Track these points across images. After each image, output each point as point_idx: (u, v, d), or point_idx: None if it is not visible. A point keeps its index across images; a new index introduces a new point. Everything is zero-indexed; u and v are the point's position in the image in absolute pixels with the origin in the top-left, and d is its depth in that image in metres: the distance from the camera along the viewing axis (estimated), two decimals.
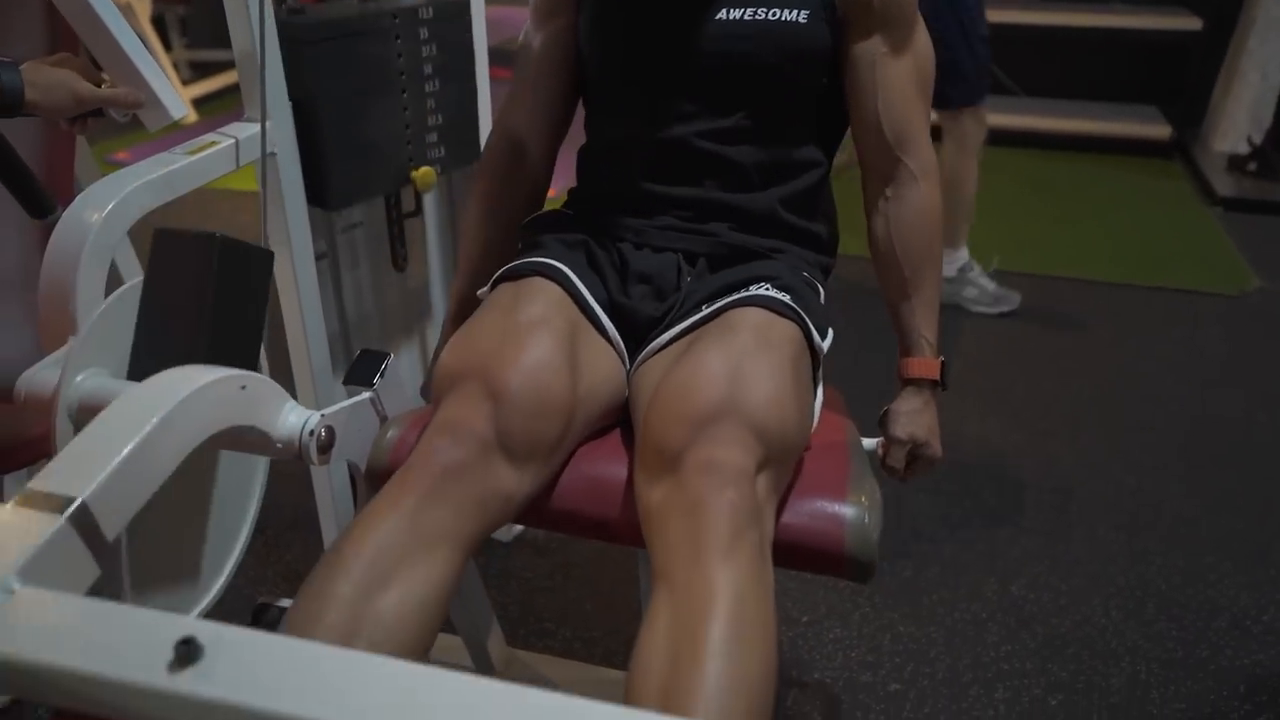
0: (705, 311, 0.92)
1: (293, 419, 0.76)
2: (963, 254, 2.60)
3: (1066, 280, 2.82)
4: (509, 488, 0.84)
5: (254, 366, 0.90)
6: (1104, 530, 1.78)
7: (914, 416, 1.00)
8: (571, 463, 0.90)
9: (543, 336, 0.87)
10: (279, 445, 0.76)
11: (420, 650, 0.77)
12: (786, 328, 0.89)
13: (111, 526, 0.59)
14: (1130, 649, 1.51)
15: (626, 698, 0.71)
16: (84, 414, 0.82)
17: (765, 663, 0.71)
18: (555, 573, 1.68)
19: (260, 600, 0.85)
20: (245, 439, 0.76)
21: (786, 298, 0.91)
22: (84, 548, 0.57)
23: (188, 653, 0.44)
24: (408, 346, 1.67)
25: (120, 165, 0.95)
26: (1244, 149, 3.66)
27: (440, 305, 1.67)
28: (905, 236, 1.00)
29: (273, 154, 1.10)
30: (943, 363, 1.01)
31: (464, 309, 1.08)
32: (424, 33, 1.31)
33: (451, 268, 1.60)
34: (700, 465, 0.76)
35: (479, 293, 1.02)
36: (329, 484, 1.34)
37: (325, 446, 0.77)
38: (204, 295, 0.82)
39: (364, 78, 1.25)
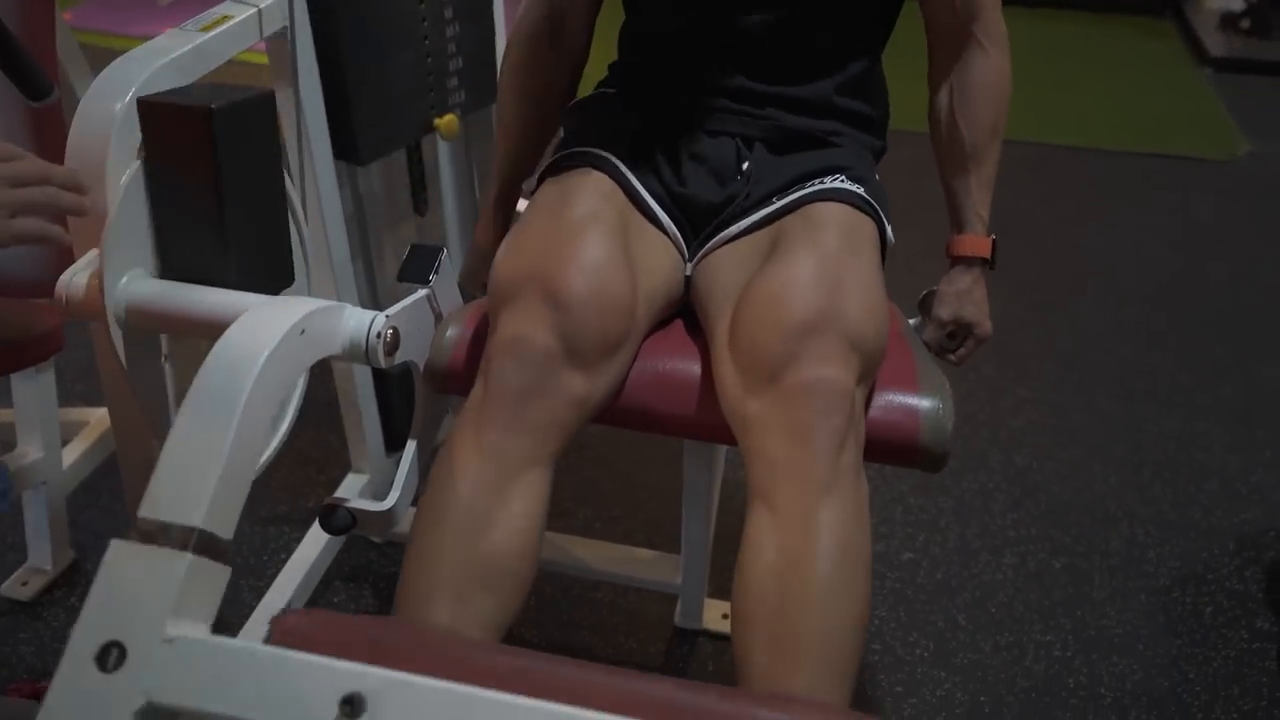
0: (780, 203, 0.89)
1: (355, 322, 0.74)
2: None
3: (1062, 148, 2.80)
4: (583, 393, 0.83)
5: (283, 222, 0.87)
6: (1102, 399, 1.83)
7: (963, 296, 1.00)
8: (638, 358, 0.89)
9: (597, 233, 0.84)
10: (344, 350, 0.73)
11: (532, 567, 0.80)
12: (867, 225, 0.87)
13: (228, 532, 0.60)
14: (1128, 513, 1.58)
15: (735, 627, 0.75)
16: (134, 318, 0.79)
17: (866, 595, 0.76)
18: (568, 453, 1.70)
19: (326, 501, 0.85)
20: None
21: (862, 190, 0.89)
22: (215, 569, 0.58)
23: (352, 711, 0.45)
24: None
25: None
26: (1238, 6, 3.58)
27: (457, 245, 1.60)
28: (971, 108, 0.97)
29: (285, 28, 1.02)
30: (993, 240, 1.00)
31: (505, 194, 1.05)
32: None
33: (470, 210, 1.53)
34: (804, 385, 0.75)
35: (524, 185, 0.98)
36: (352, 375, 1.33)
37: (392, 348, 0.75)
38: (212, 174, 0.78)
39: (389, 28, 1.22)
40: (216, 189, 0.79)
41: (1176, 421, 1.78)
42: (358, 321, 0.73)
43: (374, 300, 1.45)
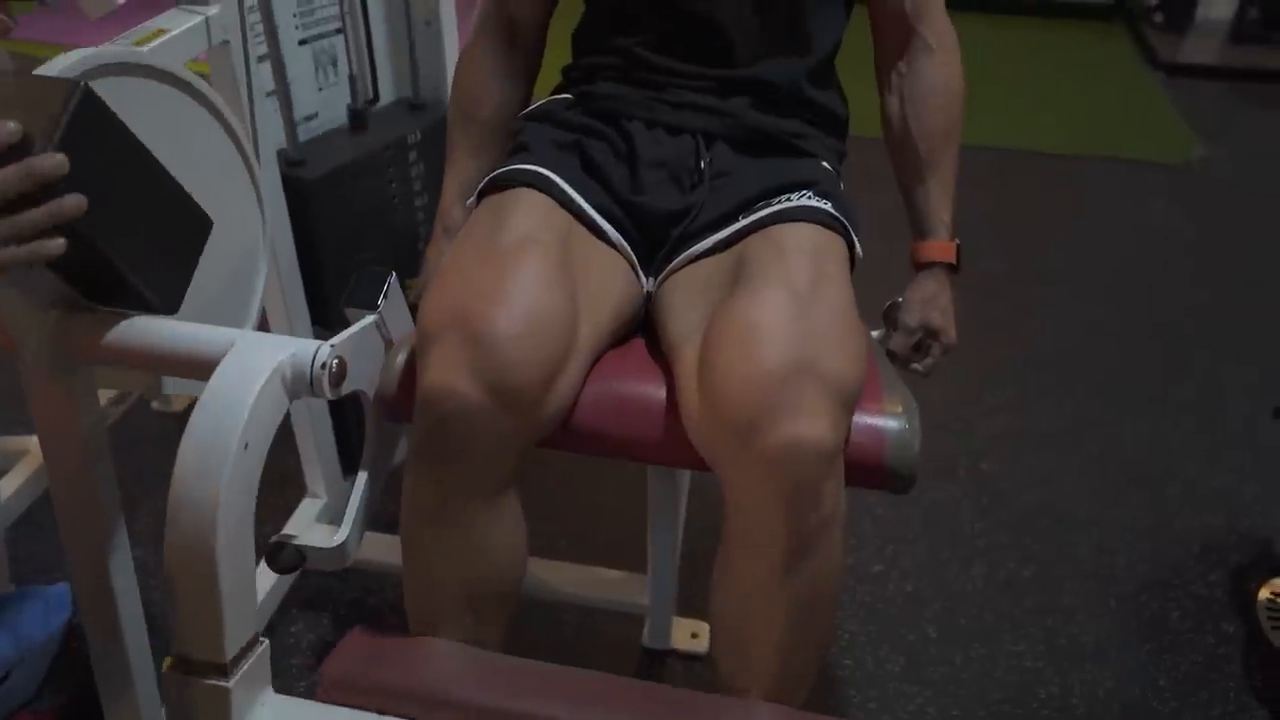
0: (745, 222, 0.86)
1: (297, 354, 0.70)
2: None
3: (1017, 153, 2.82)
4: (519, 432, 0.80)
5: (176, 203, 0.75)
6: (1066, 405, 1.84)
7: (929, 302, 0.98)
8: (594, 379, 0.85)
9: (529, 259, 0.80)
10: (288, 389, 0.69)
11: (521, 572, 0.91)
12: (836, 245, 0.85)
13: (251, 631, 0.72)
14: (1095, 518, 1.58)
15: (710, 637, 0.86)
16: (53, 348, 0.74)
17: (832, 622, 0.85)
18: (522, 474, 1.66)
19: (273, 540, 0.81)
20: None
21: (829, 205, 0.86)
22: (256, 660, 0.73)
23: None
24: None
25: None
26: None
27: None
28: (921, 113, 0.96)
29: (225, 42, 0.98)
30: (958, 245, 0.99)
31: (456, 210, 1.01)
32: (413, 155, 1.34)
33: None
34: (786, 447, 0.71)
35: (467, 203, 0.95)
36: (306, 404, 1.28)
37: (338, 379, 0.71)
38: (79, 248, 0.66)
39: (361, 211, 1.29)
40: (89, 256, 0.67)
41: (1139, 425, 1.79)
42: (300, 353, 0.69)
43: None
